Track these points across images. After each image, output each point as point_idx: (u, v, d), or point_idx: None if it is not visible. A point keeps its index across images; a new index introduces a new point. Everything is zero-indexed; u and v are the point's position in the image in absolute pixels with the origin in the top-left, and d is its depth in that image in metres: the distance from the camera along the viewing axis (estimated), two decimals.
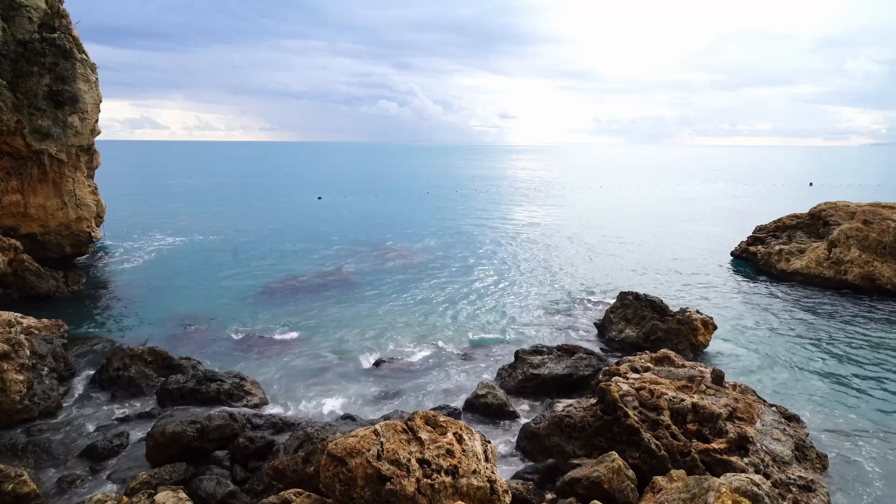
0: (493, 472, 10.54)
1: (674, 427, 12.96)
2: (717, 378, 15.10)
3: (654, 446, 12.46)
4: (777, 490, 11.26)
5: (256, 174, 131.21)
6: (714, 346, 22.16)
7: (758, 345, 22.50)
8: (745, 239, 39.12)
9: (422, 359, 21.12)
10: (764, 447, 12.77)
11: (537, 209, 67.23)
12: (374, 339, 22.88)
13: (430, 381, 19.21)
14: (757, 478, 10.39)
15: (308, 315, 25.80)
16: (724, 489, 9.63)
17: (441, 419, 11.02)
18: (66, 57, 30.33)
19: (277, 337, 23.02)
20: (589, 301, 28.46)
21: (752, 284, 31.99)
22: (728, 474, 10.68)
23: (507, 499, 10.44)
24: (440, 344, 22.61)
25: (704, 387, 14.56)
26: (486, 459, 10.82)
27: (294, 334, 23.34)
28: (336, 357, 21.10)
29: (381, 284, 31.36)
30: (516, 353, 20.09)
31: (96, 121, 32.61)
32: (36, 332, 18.80)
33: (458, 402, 17.51)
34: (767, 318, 25.75)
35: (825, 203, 36.66)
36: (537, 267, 36.24)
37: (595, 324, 24.92)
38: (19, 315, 18.81)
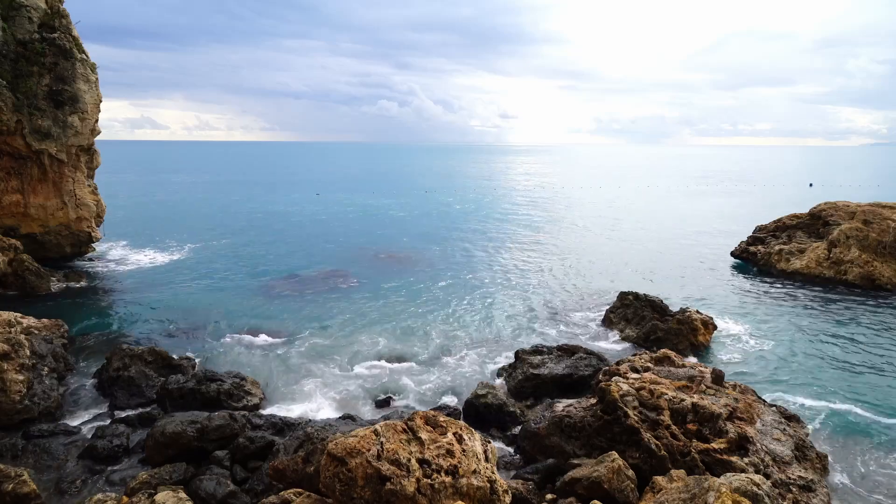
0: (492, 472, 10.53)
1: (674, 427, 12.95)
2: (717, 378, 15.10)
3: (654, 446, 12.46)
4: (777, 490, 11.27)
5: (256, 174, 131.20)
6: (714, 346, 22.17)
7: (758, 345, 22.49)
8: (745, 239, 39.11)
9: (422, 359, 21.12)
10: (764, 447, 12.77)
11: (536, 209, 67.24)
12: (374, 339, 22.86)
13: (430, 381, 19.20)
14: (757, 478, 10.38)
15: (308, 315, 25.79)
16: (724, 489, 9.63)
17: (441, 419, 11.02)
18: (66, 57, 30.31)
19: (277, 337, 23.01)
20: (589, 301, 28.46)
21: (752, 284, 31.98)
22: (728, 474, 10.68)
23: (507, 499, 10.44)
24: (440, 344, 22.60)
25: (704, 387, 14.56)
26: (486, 459, 10.81)
27: (294, 334, 23.33)
28: (336, 357, 21.10)
29: (380, 284, 31.35)
30: (516, 353, 20.10)
31: (96, 121, 32.59)
32: (36, 332, 18.81)
33: (458, 403, 17.52)
34: (767, 319, 25.74)
35: (825, 203, 36.63)
36: (537, 267, 36.23)
37: (595, 324, 24.92)
38: (19, 315, 18.82)
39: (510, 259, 38.63)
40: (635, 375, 15.09)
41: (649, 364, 16.19)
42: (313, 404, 17.61)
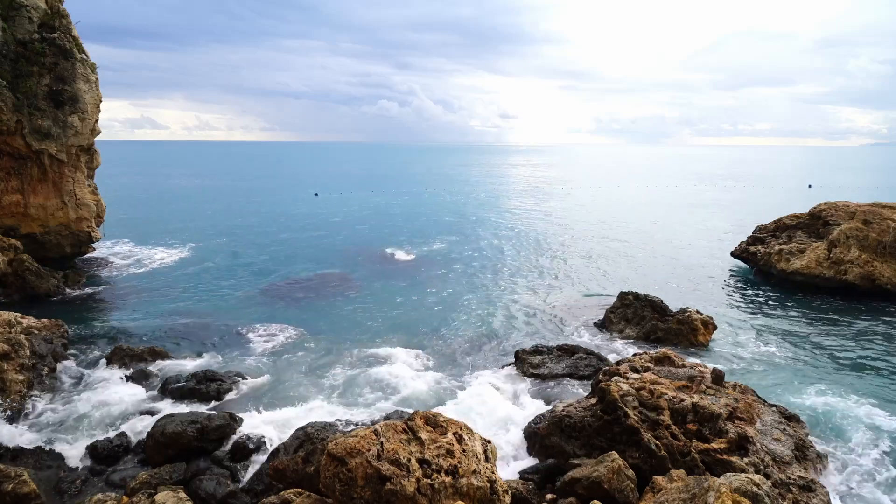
0: (493, 472, 10.54)
1: (674, 427, 12.95)
2: (717, 378, 15.10)
3: (654, 446, 12.46)
4: (777, 490, 11.26)
5: (256, 174, 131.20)
6: (714, 346, 22.16)
7: (758, 345, 22.49)
8: (744, 239, 39.07)
9: (421, 359, 21.09)
10: (764, 447, 12.77)
11: (536, 210, 67.23)
12: (373, 340, 22.85)
13: (430, 381, 19.19)
14: (757, 478, 10.38)
15: (308, 315, 25.79)
16: (724, 489, 9.63)
17: (441, 419, 11.03)
18: (66, 57, 30.30)
19: (277, 337, 23.00)
20: (589, 301, 28.45)
21: (751, 284, 32.00)
22: (728, 474, 10.67)
23: (507, 499, 10.44)
24: (440, 344, 22.61)
25: (704, 387, 14.56)
26: (486, 459, 10.82)
27: (294, 334, 23.32)
28: (335, 357, 21.09)
29: (379, 285, 31.35)
30: (516, 353, 20.10)
31: (96, 121, 32.58)
32: (36, 332, 18.81)
33: (459, 402, 17.48)
34: (767, 318, 25.75)
35: (825, 203, 36.56)
36: (537, 267, 36.23)
37: (595, 324, 24.92)
38: (19, 315, 18.83)
39: (510, 258, 38.61)
40: (635, 375, 15.09)
41: (649, 364, 16.19)
42: (313, 404, 17.59)
